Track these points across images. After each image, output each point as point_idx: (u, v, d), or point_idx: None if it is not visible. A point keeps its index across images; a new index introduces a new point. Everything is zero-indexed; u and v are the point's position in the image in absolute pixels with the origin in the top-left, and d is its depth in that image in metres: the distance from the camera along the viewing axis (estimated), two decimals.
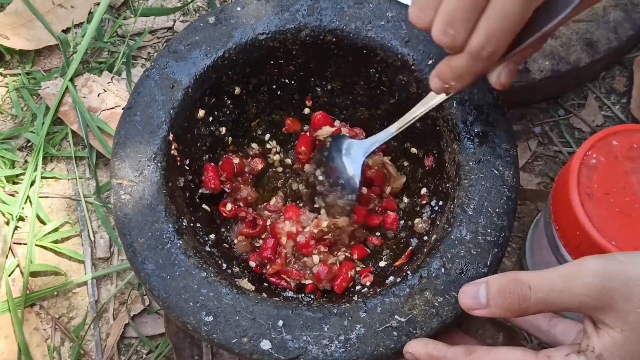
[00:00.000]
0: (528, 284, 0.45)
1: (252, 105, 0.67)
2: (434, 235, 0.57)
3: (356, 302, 0.52)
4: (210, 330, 0.51)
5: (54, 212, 0.74)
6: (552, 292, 0.44)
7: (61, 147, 0.77)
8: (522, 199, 0.72)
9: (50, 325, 0.69)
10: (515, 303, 0.45)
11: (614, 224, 0.52)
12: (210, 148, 0.64)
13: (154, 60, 0.61)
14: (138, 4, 0.85)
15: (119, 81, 0.79)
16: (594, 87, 0.77)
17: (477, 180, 0.56)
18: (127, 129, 0.58)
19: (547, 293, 0.44)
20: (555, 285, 0.44)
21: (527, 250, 0.66)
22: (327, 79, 0.66)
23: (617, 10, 0.72)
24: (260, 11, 0.62)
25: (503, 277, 0.46)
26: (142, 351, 0.68)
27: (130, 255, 0.54)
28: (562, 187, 0.55)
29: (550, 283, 0.44)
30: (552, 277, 0.44)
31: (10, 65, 0.82)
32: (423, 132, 0.64)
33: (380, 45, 0.61)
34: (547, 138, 0.75)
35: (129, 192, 0.55)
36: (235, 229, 0.64)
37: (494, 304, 0.46)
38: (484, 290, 0.47)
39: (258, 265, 0.62)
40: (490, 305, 0.46)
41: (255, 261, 0.62)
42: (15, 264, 0.71)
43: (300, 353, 0.50)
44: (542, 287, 0.44)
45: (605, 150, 0.55)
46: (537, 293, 0.44)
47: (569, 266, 0.44)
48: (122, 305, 0.69)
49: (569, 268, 0.44)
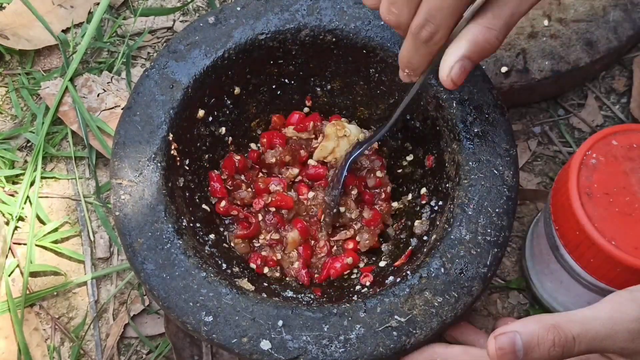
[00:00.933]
0: (572, 335, 0.43)
1: (252, 105, 0.67)
2: (434, 235, 0.57)
3: (356, 302, 0.52)
4: (210, 330, 0.51)
5: (53, 212, 0.74)
6: (594, 341, 0.43)
7: (61, 147, 0.77)
8: (522, 199, 0.72)
9: (50, 325, 0.69)
10: (559, 355, 0.43)
11: (613, 224, 0.52)
12: (210, 148, 0.64)
13: (153, 60, 0.61)
14: (138, 4, 0.85)
15: (118, 81, 0.79)
16: (594, 87, 0.77)
17: (477, 180, 0.56)
18: (127, 129, 0.58)
19: (589, 342, 0.43)
20: (599, 334, 0.43)
21: (527, 250, 0.66)
22: (327, 79, 0.66)
23: (617, 10, 0.72)
24: (259, 11, 0.62)
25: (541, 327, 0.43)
26: (142, 351, 0.68)
27: (130, 255, 0.54)
28: (561, 187, 0.55)
29: (594, 332, 0.43)
30: (594, 325, 0.43)
31: (10, 65, 0.82)
32: (423, 132, 0.64)
33: (380, 45, 0.61)
34: (546, 138, 0.75)
35: (128, 192, 0.55)
36: (232, 229, 0.64)
37: (533, 356, 0.43)
38: (520, 343, 0.43)
39: (259, 266, 0.62)
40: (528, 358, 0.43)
41: (256, 262, 0.62)
42: (15, 264, 0.71)
43: (300, 353, 0.50)
44: (586, 337, 0.43)
45: (605, 150, 0.55)
46: (580, 344, 0.43)
47: (609, 309, 0.43)
48: (122, 305, 0.69)
49: (610, 312, 0.43)
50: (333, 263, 0.62)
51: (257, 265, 0.62)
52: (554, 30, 0.71)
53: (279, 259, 0.63)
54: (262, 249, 0.63)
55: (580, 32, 0.71)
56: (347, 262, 0.62)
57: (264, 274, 0.62)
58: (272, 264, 0.63)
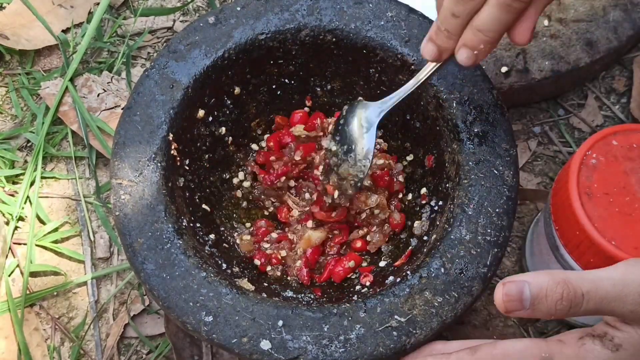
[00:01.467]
0: (581, 291, 0.42)
1: (252, 105, 0.67)
2: (434, 235, 0.57)
3: (356, 302, 0.52)
4: (210, 330, 0.51)
5: (53, 212, 0.74)
6: (604, 301, 0.42)
7: (61, 147, 0.77)
8: (522, 199, 0.72)
9: (50, 325, 0.69)
10: (565, 310, 0.43)
11: (613, 224, 0.52)
12: (210, 148, 0.64)
13: (153, 60, 0.61)
14: (138, 4, 0.85)
15: (118, 81, 0.79)
16: (594, 87, 0.77)
17: (477, 180, 0.56)
18: (127, 129, 0.58)
19: (599, 302, 0.42)
20: (608, 294, 0.42)
21: (527, 250, 0.66)
22: (327, 79, 0.66)
23: (617, 10, 0.72)
24: (260, 11, 0.62)
25: (551, 280, 0.43)
26: (142, 351, 0.68)
27: (130, 255, 0.54)
28: (561, 187, 0.55)
29: (604, 292, 0.42)
30: (605, 285, 0.42)
31: (10, 65, 0.82)
32: (423, 132, 0.64)
33: (380, 45, 0.61)
34: (547, 138, 0.75)
35: (128, 192, 0.55)
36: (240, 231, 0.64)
37: (540, 308, 0.43)
38: (528, 292, 0.43)
39: (263, 264, 0.62)
40: (534, 309, 0.43)
41: (260, 259, 0.62)
42: (15, 264, 0.71)
43: (300, 353, 0.50)
44: (595, 296, 0.42)
45: (605, 150, 0.55)
46: (589, 302, 0.42)
47: (621, 272, 0.43)
48: (122, 305, 0.69)
49: (622, 275, 0.43)
50: (335, 267, 0.62)
51: (261, 262, 0.62)
52: (554, 30, 0.71)
53: (283, 256, 0.63)
54: (269, 247, 0.63)
55: (580, 32, 0.71)
56: (349, 266, 0.62)
57: (265, 272, 0.62)
58: (275, 262, 0.63)
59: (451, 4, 0.48)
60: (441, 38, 0.50)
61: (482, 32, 0.48)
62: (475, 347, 0.48)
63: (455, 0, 0.48)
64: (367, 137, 0.58)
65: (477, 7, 0.47)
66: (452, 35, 0.50)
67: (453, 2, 0.48)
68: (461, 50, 0.50)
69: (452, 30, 0.49)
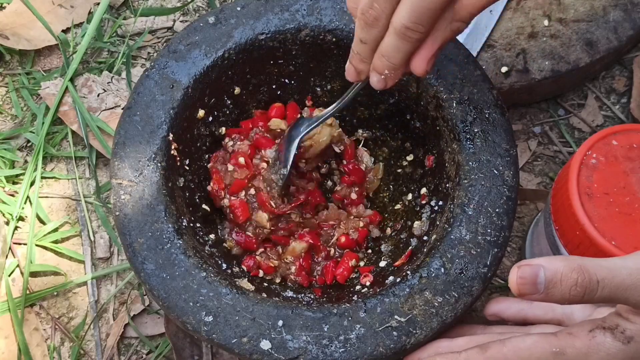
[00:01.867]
0: (596, 278, 0.42)
1: (252, 105, 0.67)
2: (434, 235, 0.57)
3: (356, 302, 0.52)
4: (210, 330, 0.51)
5: (53, 212, 0.74)
6: (619, 289, 0.42)
7: (61, 147, 0.77)
8: (522, 199, 0.72)
9: (50, 325, 0.69)
10: (579, 296, 0.42)
11: (613, 224, 0.52)
12: (210, 148, 0.64)
13: (153, 60, 0.61)
14: (138, 4, 0.85)
15: (118, 81, 0.79)
16: (594, 87, 0.77)
17: (477, 180, 0.56)
18: (127, 129, 0.58)
19: (614, 289, 0.42)
20: (624, 283, 0.42)
21: (527, 250, 0.66)
22: (327, 79, 0.66)
23: (617, 10, 0.72)
24: (260, 11, 0.62)
25: (566, 265, 0.42)
26: (142, 351, 0.68)
27: (130, 255, 0.54)
28: (561, 187, 0.55)
29: (620, 280, 0.42)
30: (621, 273, 0.42)
31: (10, 65, 0.82)
32: (423, 132, 0.64)
33: None
34: (547, 138, 0.75)
35: (128, 192, 0.55)
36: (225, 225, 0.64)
37: (554, 292, 0.42)
38: (543, 276, 0.42)
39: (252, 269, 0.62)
40: (548, 294, 0.42)
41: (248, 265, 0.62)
42: (15, 264, 0.71)
43: (300, 353, 0.50)
44: (610, 283, 0.42)
45: (605, 150, 0.55)
46: (604, 289, 0.42)
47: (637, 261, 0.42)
48: (122, 305, 0.69)
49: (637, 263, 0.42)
50: (337, 269, 0.62)
51: (248, 267, 0.62)
52: (554, 30, 0.71)
53: (275, 265, 0.62)
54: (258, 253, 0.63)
55: (580, 32, 0.71)
56: (352, 265, 0.62)
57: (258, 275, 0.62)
58: (270, 271, 0.62)
59: (358, 30, 0.50)
60: (356, 61, 0.53)
61: (386, 58, 0.50)
62: (484, 345, 0.47)
63: (360, 28, 0.50)
64: (290, 150, 0.61)
65: (380, 34, 0.49)
66: (364, 59, 0.52)
67: (359, 29, 0.50)
68: (371, 74, 0.52)
69: (362, 54, 0.52)
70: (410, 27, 0.47)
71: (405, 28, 0.47)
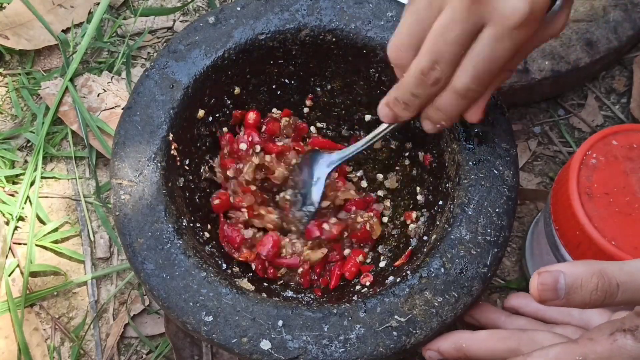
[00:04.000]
0: (617, 281, 0.42)
1: (252, 105, 0.67)
2: (434, 235, 0.57)
3: (356, 302, 0.52)
4: (210, 330, 0.51)
5: (53, 212, 0.74)
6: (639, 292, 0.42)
7: (61, 147, 0.77)
8: (522, 199, 0.72)
9: (50, 325, 0.69)
10: (600, 300, 0.42)
11: (613, 224, 0.52)
12: (210, 148, 0.64)
13: (153, 60, 0.61)
14: (138, 4, 0.85)
15: (118, 81, 0.79)
16: (594, 87, 0.77)
17: (477, 180, 0.56)
18: (127, 129, 0.58)
19: (634, 292, 0.42)
20: None
21: (527, 250, 0.66)
22: (327, 79, 0.66)
23: (617, 10, 0.72)
24: (260, 11, 0.62)
25: (586, 270, 0.42)
26: (142, 351, 0.68)
27: (130, 255, 0.54)
28: (561, 187, 0.55)
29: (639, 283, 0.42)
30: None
31: (10, 65, 0.82)
32: (423, 132, 0.63)
33: (380, 45, 0.61)
34: (547, 138, 0.75)
35: (128, 192, 0.55)
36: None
37: (574, 297, 0.42)
38: (563, 282, 0.42)
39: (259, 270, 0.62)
40: (569, 299, 0.42)
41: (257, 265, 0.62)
42: (15, 264, 0.71)
43: (300, 353, 0.50)
44: (631, 286, 0.42)
45: (605, 150, 0.55)
46: (624, 292, 0.42)
47: None
48: (122, 305, 0.69)
49: None
50: (343, 268, 0.62)
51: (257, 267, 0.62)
52: None
53: (283, 273, 0.62)
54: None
55: (580, 32, 0.71)
56: (360, 260, 0.62)
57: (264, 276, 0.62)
58: (276, 277, 0.62)
59: (412, 86, 0.50)
60: (398, 108, 0.53)
61: (442, 112, 0.51)
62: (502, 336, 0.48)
63: (416, 83, 0.49)
64: (315, 189, 0.61)
65: (437, 92, 0.49)
66: (409, 108, 0.52)
67: (414, 84, 0.49)
68: (425, 122, 0.53)
69: (410, 105, 0.52)
70: (472, 88, 0.48)
71: (467, 90, 0.48)
